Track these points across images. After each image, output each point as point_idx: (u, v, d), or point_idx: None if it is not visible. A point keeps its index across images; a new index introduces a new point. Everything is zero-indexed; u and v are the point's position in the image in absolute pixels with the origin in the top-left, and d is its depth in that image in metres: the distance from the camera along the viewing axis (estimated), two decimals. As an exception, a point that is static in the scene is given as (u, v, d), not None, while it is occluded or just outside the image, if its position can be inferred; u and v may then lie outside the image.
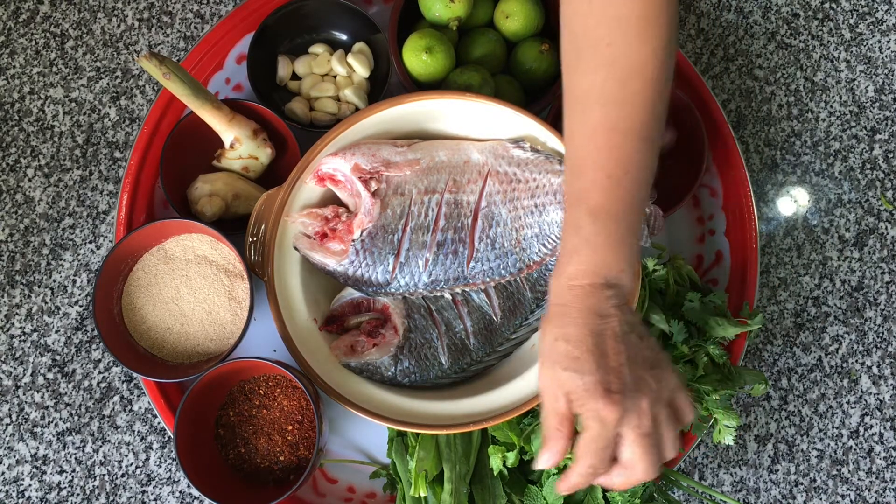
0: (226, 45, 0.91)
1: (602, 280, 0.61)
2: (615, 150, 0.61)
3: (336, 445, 0.87)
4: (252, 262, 0.78)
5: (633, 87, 0.61)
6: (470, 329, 0.79)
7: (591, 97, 0.62)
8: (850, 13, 0.99)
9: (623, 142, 0.61)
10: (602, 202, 0.62)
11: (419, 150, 0.80)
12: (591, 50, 0.62)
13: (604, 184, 0.62)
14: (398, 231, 0.78)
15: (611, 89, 0.61)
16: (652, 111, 0.62)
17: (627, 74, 0.61)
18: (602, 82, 0.61)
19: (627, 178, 0.62)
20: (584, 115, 0.63)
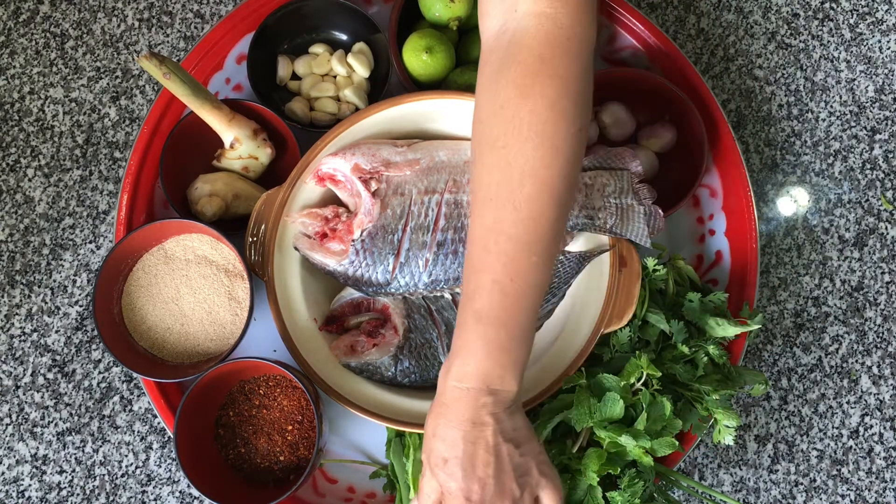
0: (226, 45, 0.91)
1: (482, 385, 0.62)
2: (503, 255, 0.61)
3: (336, 445, 0.87)
4: (252, 262, 0.78)
5: (525, 193, 0.60)
6: (470, 329, 0.79)
7: (486, 196, 0.62)
8: (850, 13, 0.99)
9: (512, 248, 0.61)
10: (486, 307, 0.61)
11: (419, 150, 0.80)
12: (489, 148, 0.62)
13: (489, 288, 0.61)
14: (398, 231, 0.78)
15: (503, 193, 0.61)
16: (545, 220, 0.61)
17: (519, 179, 0.60)
18: (496, 184, 0.61)
19: (513, 286, 0.61)
20: (480, 213, 0.62)
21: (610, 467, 0.71)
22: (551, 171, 0.60)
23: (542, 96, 0.60)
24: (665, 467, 0.80)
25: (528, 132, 0.60)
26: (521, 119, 0.60)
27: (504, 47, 0.62)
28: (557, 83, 0.61)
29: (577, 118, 0.62)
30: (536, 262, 0.61)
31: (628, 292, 0.76)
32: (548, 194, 0.61)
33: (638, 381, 0.74)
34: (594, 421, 0.72)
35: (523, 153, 0.60)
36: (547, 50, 0.61)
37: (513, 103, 0.60)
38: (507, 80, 0.61)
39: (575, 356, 0.76)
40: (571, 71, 0.61)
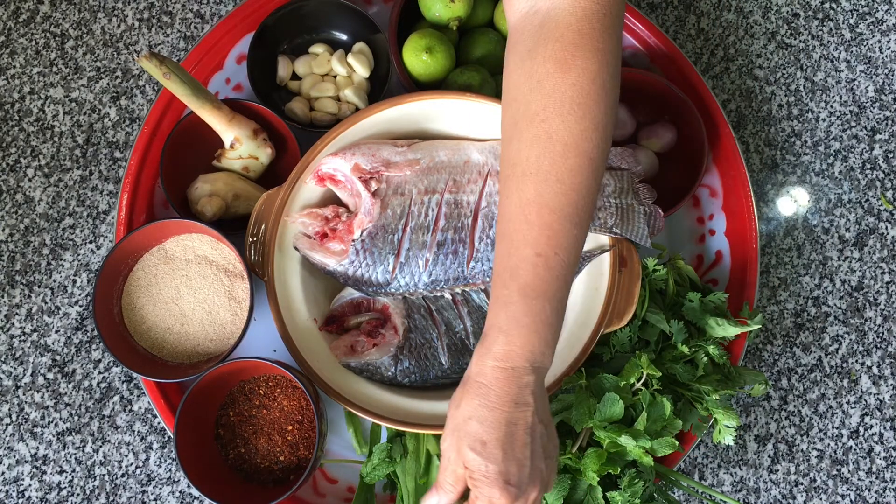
0: (226, 45, 0.91)
1: (527, 363, 0.62)
2: (546, 228, 0.61)
3: (336, 445, 0.87)
4: (252, 262, 0.78)
5: (567, 165, 0.61)
6: (470, 329, 0.79)
7: (526, 171, 0.62)
8: (850, 13, 0.99)
9: (554, 221, 0.61)
10: (531, 281, 0.61)
11: (419, 150, 0.80)
12: (527, 123, 0.62)
13: (534, 262, 0.61)
14: (398, 231, 0.78)
15: (545, 165, 0.61)
16: (586, 191, 0.62)
17: (562, 152, 0.61)
18: (537, 157, 0.61)
19: (557, 259, 0.61)
20: (518, 188, 0.62)
21: (610, 467, 0.71)
22: (592, 143, 0.61)
23: (584, 70, 0.61)
24: (665, 467, 0.80)
25: (571, 105, 0.60)
26: (562, 93, 0.60)
27: (537, 26, 0.63)
28: (598, 57, 0.61)
29: (614, 91, 0.63)
30: (577, 235, 0.62)
31: (628, 292, 0.76)
32: (589, 167, 0.61)
33: (638, 381, 0.74)
34: (594, 422, 0.72)
35: (566, 126, 0.60)
36: (586, 25, 0.61)
37: (553, 77, 0.61)
38: (545, 55, 0.61)
39: (575, 356, 0.76)
40: (609, 45, 0.62)
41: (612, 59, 0.62)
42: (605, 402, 0.72)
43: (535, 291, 0.61)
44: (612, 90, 0.62)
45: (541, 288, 0.61)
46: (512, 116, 0.64)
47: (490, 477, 0.60)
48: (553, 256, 0.61)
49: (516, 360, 0.61)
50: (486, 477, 0.60)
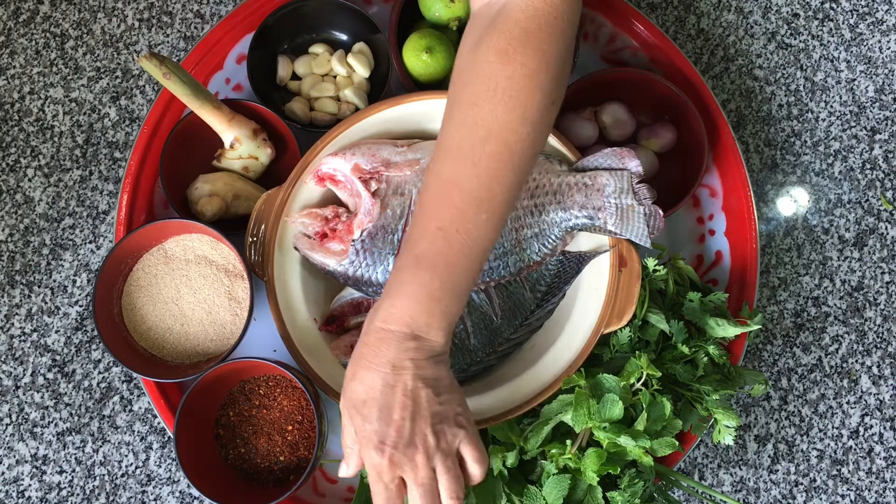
0: (226, 45, 0.91)
1: (407, 329, 0.62)
2: (453, 206, 0.62)
3: (336, 445, 0.87)
4: (252, 262, 0.78)
5: (486, 150, 0.62)
6: (470, 329, 0.79)
7: (448, 148, 0.63)
8: (850, 13, 0.99)
9: (462, 201, 0.62)
10: (426, 252, 0.62)
11: (419, 150, 0.80)
12: (460, 106, 0.63)
13: (433, 234, 0.62)
14: (398, 231, 0.78)
15: (465, 147, 0.62)
16: (502, 180, 0.62)
17: (484, 137, 0.62)
18: (460, 139, 0.62)
19: (457, 237, 0.62)
20: (439, 165, 0.64)
21: (610, 467, 0.71)
22: (517, 136, 0.62)
23: (522, 65, 0.62)
24: (665, 467, 0.80)
25: (502, 96, 0.62)
26: (496, 83, 0.62)
27: (491, 16, 0.64)
28: (539, 57, 0.62)
29: (552, 93, 0.64)
30: (485, 220, 0.63)
31: (628, 292, 0.76)
32: (508, 157, 0.62)
33: (638, 382, 0.74)
34: (593, 422, 0.72)
35: (493, 114, 0.62)
36: (534, 24, 0.63)
37: (492, 66, 0.62)
38: (489, 45, 0.63)
39: (575, 356, 0.76)
40: (554, 48, 0.63)
41: (556, 62, 0.63)
42: (605, 402, 0.72)
43: (425, 263, 0.62)
44: (551, 92, 0.63)
45: (433, 259, 0.62)
46: (451, 97, 0.65)
47: (368, 437, 0.62)
48: (454, 234, 0.62)
49: (395, 323, 0.62)
50: (365, 437, 0.62)
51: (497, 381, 0.78)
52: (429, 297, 0.62)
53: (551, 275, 0.79)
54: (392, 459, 0.61)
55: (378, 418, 0.61)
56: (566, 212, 0.77)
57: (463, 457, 0.65)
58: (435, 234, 0.62)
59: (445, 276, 0.62)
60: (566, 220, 0.77)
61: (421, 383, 0.62)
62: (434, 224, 0.62)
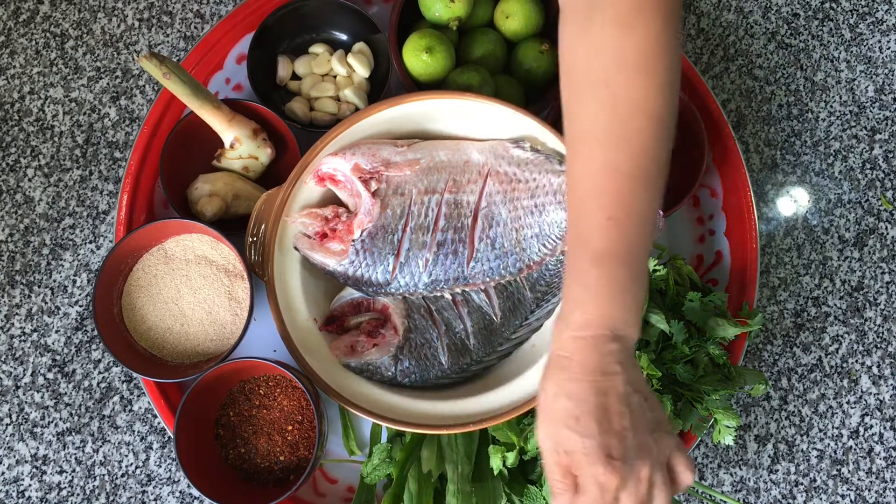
0: (226, 45, 0.91)
1: (607, 332, 0.58)
2: (617, 192, 0.59)
3: (336, 445, 0.87)
4: (252, 262, 0.78)
5: (634, 126, 0.59)
6: (470, 329, 0.79)
7: (593, 137, 0.60)
8: (850, 13, 0.99)
9: (625, 184, 0.59)
10: (605, 246, 0.59)
11: (419, 150, 0.80)
12: (591, 89, 0.60)
13: (606, 226, 0.59)
14: (398, 231, 0.78)
15: (612, 129, 0.59)
16: (655, 152, 0.60)
17: (628, 114, 0.59)
18: (604, 123, 0.60)
19: (630, 222, 0.59)
20: (586, 155, 0.61)
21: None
22: (659, 103, 0.59)
23: (647, 30, 0.59)
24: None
25: (635, 66, 0.59)
26: (625, 54, 0.59)
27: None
28: (660, 16, 0.59)
29: (677, 49, 0.61)
30: (650, 199, 0.60)
31: (628, 292, 0.76)
32: (658, 127, 0.60)
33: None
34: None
35: (631, 88, 0.59)
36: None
37: (615, 40, 0.59)
38: (605, 20, 0.59)
39: (575, 356, 0.76)
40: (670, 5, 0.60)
41: (674, 16, 0.60)
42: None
43: (607, 257, 0.59)
44: (676, 48, 0.60)
45: (614, 252, 0.59)
46: (574, 84, 0.62)
47: (590, 453, 0.55)
48: (625, 219, 0.59)
49: (595, 328, 0.58)
50: (586, 454, 0.56)
51: (497, 381, 0.78)
52: (622, 291, 0.59)
53: (551, 275, 0.80)
54: (621, 474, 0.55)
55: (600, 431, 0.55)
56: (566, 212, 0.77)
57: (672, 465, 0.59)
58: (607, 226, 0.58)
59: (631, 264, 0.59)
60: (566, 220, 0.77)
61: (631, 388, 0.58)
62: (602, 215, 0.59)
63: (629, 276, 0.59)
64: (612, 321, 0.59)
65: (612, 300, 0.59)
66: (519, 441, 0.76)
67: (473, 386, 0.80)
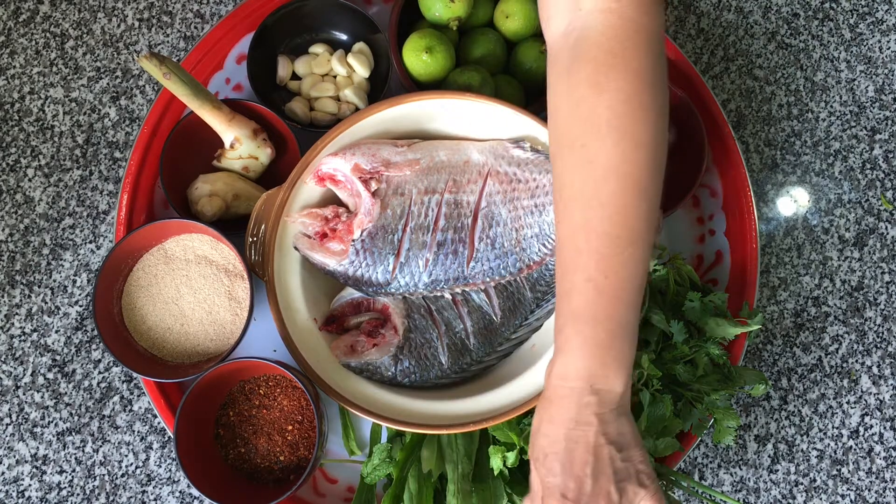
0: (226, 45, 0.91)
1: (585, 384, 0.61)
2: (595, 253, 0.60)
3: (336, 445, 0.87)
4: (252, 262, 0.78)
5: (609, 189, 0.60)
6: (470, 329, 0.79)
7: (571, 195, 0.61)
8: (850, 13, 0.99)
9: (602, 245, 0.60)
10: (582, 307, 0.60)
11: (419, 150, 0.80)
12: (568, 148, 0.61)
13: (582, 287, 0.60)
14: (398, 231, 0.78)
15: (587, 190, 0.60)
16: (634, 211, 0.60)
17: (602, 176, 0.60)
18: (580, 182, 0.60)
19: (608, 282, 0.60)
20: (566, 213, 0.62)
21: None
22: (634, 164, 0.60)
23: (618, 90, 0.60)
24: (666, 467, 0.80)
25: (607, 128, 0.60)
26: (598, 115, 0.60)
27: (571, 47, 0.62)
28: (632, 76, 0.60)
29: (655, 107, 0.61)
30: (630, 255, 0.60)
31: (628, 292, 0.76)
32: (633, 188, 0.60)
33: (638, 381, 0.74)
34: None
35: (604, 150, 0.60)
36: (617, 44, 0.60)
37: (588, 101, 0.60)
38: (580, 78, 0.61)
39: (575, 356, 0.76)
40: (644, 63, 0.61)
41: (651, 76, 0.61)
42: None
43: (585, 317, 0.60)
44: (654, 108, 0.61)
45: (591, 312, 0.60)
46: (556, 139, 0.63)
47: (551, 489, 0.61)
48: (603, 280, 0.60)
49: (573, 380, 0.61)
50: (548, 489, 0.61)
51: (497, 381, 0.78)
52: (599, 348, 0.60)
53: (551, 275, 0.80)
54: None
55: (561, 472, 0.61)
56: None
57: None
58: (585, 287, 0.60)
59: (607, 323, 0.60)
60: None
61: (604, 439, 0.61)
62: (582, 276, 0.60)
63: (607, 334, 0.60)
64: (591, 376, 0.61)
65: (589, 356, 0.61)
66: (519, 441, 0.76)
67: (473, 386, 0.80)
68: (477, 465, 0.78)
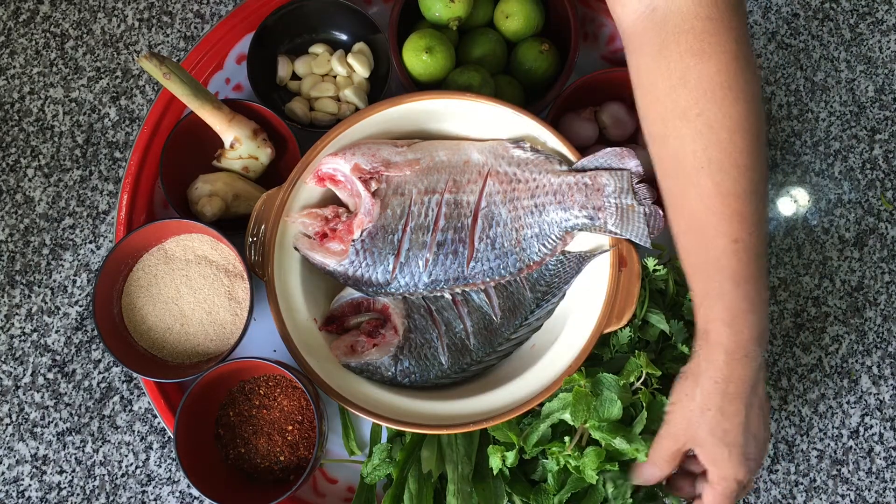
0: (226, 45, 0.91)
1: (757, 347, 0.64)
2: (736, 214, 0.62)
3: (336, 445, 0.87)
4: (252, 262, 0.78)
5: (736, 147, 0.61)
6: (470, 329, 0.79)
7: (697, 165, 0.62)
8: (850, 13, 0.99)
9: (741, 205, 0.62)
10: (738, 267, 0.63)
11: (419, 150, 0.80)
12: (681, 119, 0.62)
13: (734, 248, 0.62)
14: (398, 231, 0.78)
15: (715, 155, 0.62)
16: (760, 165, 0.62)
17: (727, 137, 0.61)
18: (704, 149, 0.62)
19: (753, 239, 0.62)
20: (694, 183, 0.63)
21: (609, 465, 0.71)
22: (753, 118, 0.62)
23: (724, 52, 0.61)
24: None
25: (722, 90, 0.61)
26: (709, 81, 0.61)
27: (659, 23, 0.63)
28: (734, 35, 0.62)
29: (753, 61, 0.63)
30: (763, 208, 0.63)
31: (628, 292, 0.76)
32: (757, 141, 0.62)
33: (638, 381, 0.74)
34: (591, 422, 0.72)
35: (724, 112, 0.61)
36: (713, 10, 0.62)
37: (695, 69, 0.61)
38: (680, 50, 0.62)
39: (575, 356, 0.76)
40: (739, 21, 0.63)
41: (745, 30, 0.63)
42: (604, 402, 0.72)
43: (743, 276, 0.63)
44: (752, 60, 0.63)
45: (747, 271, 0.63)
46: (659, 116, 0.64)
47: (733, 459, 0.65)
48: (748, 238, 0.62)
49: (748, 346, 0.64)
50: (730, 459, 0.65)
51: (497, 381, 0.78)
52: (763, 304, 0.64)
53: (551, 275, 0.80)
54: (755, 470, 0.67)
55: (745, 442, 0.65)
56: (566, 212, 0.77)
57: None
58: (736, 249, 0.62)
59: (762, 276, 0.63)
60: (566, 220, 0.77)
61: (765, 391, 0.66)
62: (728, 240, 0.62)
63: (763, 286, 0.64)
64: (761, 334, 0.64)
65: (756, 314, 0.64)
66: (519, 441, 0.76)
67: (473, 386, 0.80)
68: (477, 465, 0.78)
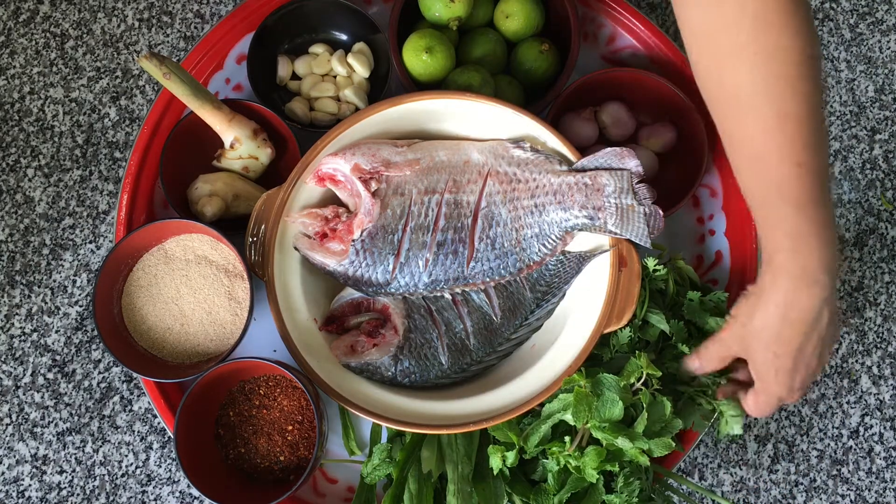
0: (226, 45, 0.91)
1: (824, 274, 0.64)
2: (797, 138, 0.62)
3: (336, 445, 0.87)
4: (252, 262, 0.78)
5: (794, 73, 0.61)
6: (470, 329, 0.79)
7: (755, 95, 0.62)
8: (850, 13, 0.99)
9: (802, 129, 0.62)
10: (802, 191, 0.63)
11: (419, 150, 0.80)
12: (738, 53, 0.62)
13: (798, 172, 0.62)
14: (398, 231, 0.78)
15: (775, 82, 0.62)
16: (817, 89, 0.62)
17: (786, 63, 0.61)
18: (764, 78, 0.62)
19: (816, 161, 0.62)
20: (752, 113, 0.63)
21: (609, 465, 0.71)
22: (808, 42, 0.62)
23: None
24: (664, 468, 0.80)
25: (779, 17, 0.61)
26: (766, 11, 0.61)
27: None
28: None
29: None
30: (823, 132, 0.63)
31: (628, 292, 0.76)
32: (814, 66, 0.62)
33: (638, 381, 0.74)
34: (592, 422, 0.72)
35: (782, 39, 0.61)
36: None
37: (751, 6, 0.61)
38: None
39: (575, 356, 0.76)
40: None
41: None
42: (605, 402, 0.72)
43: (807, 199, 0.63)
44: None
45: (811, 194, 0.63)
46: (714, 58, 0.64)
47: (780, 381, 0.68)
48: (812, 161, 0.62)
49: (815, 273, 0.64)
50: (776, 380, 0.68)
51: (497, 381, 0.78)
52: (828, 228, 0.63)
53: (551, 275, 0.80)
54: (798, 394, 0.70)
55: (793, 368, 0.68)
56: (566, 212, 0.77)
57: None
58: (799, 172, 0.62)
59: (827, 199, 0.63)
60: (566, 220, 0.77)
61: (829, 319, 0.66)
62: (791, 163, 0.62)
63: (827, 210, 0.64)
64: (828, 260, 0.64)
65: (822, 239, 0.63)
66: (519, 441, 0.76)
67: (473, 386, 0.80)
68: (477, 465, 0.78)
